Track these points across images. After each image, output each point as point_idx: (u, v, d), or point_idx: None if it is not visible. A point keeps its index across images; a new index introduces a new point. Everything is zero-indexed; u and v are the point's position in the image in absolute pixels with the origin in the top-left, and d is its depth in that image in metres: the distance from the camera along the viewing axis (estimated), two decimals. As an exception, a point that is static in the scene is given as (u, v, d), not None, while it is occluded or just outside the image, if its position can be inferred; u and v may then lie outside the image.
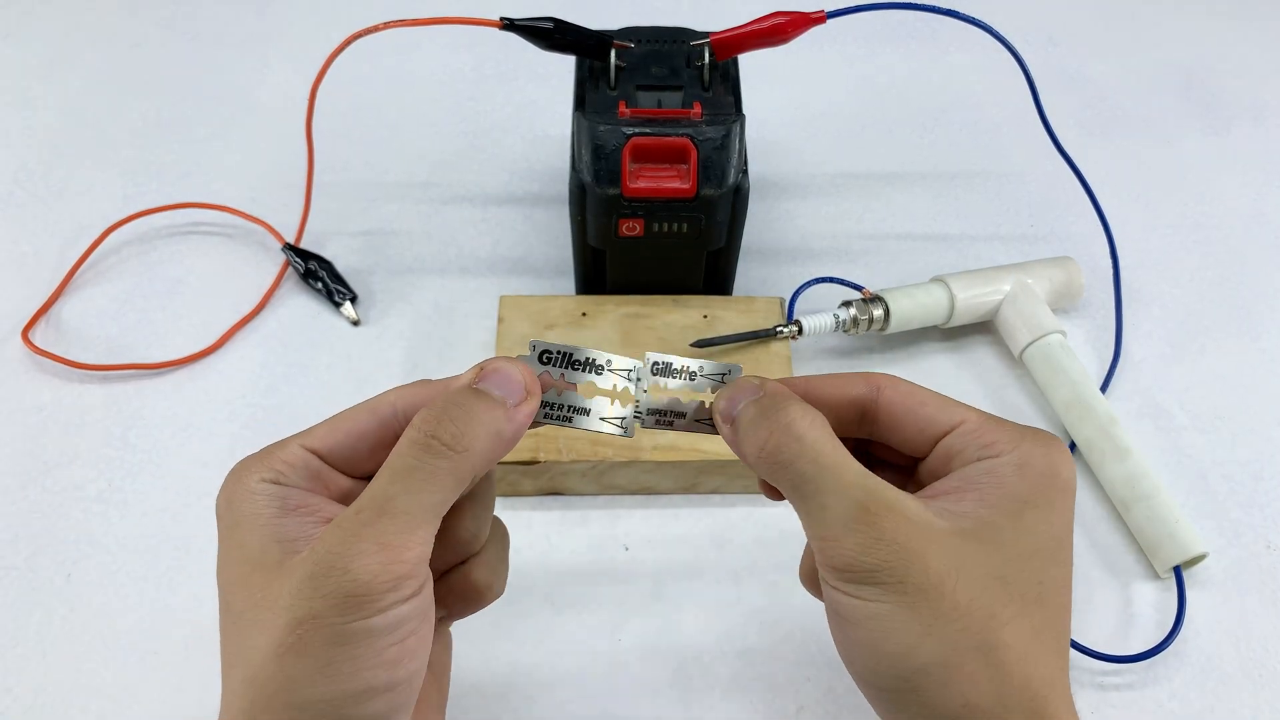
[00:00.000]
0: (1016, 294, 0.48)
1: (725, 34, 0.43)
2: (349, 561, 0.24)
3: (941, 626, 0.25)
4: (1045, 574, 0.27)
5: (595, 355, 0.29)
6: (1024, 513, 0.27)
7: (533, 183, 0.58)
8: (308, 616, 0.24)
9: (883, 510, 0.26)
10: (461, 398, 0.27)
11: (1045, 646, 0.27)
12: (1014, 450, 0.28)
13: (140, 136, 0.60)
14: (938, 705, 0.26)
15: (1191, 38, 0.70)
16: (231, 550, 0.27)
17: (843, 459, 0.27)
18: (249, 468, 0.28)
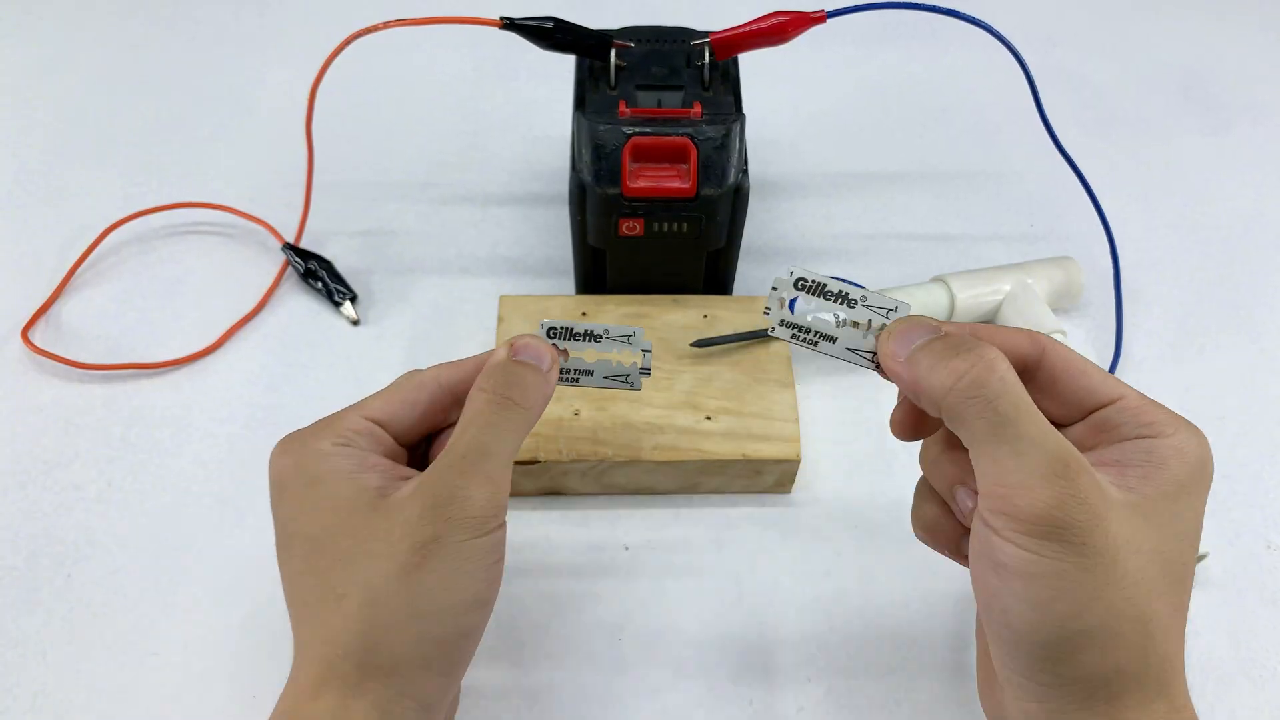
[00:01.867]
0: (1017, 294, 0.48)
1: (725, 34, 0.43)
2: (467, 492, 0.29)
3: (1111, 592, 0.26)
4: (1189, 556, 0.28)
5: (593, 327, 0.35)
6: (1180, 496, 0.28)
7: (533, 183, 0.58)
8: (431, 539, 0.28)
9: (1082, 469, 0.27)
10: (513, 366, 0.32)
11: (1179, 625, 0.28)
12: (1174, 435, 0.28)
13: (140, 136, 0.60)
14: (1092, 668, 0.27)
15: (1191, 38, 0.70)
16: (320, 502, 0.30)
17: (1040, 415, 0.27)
18: (316, 435, 0.32)
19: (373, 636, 0.28)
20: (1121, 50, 0.69)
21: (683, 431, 0.43)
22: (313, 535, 0.30)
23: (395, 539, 0.29)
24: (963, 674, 0.40)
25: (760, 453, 0.42)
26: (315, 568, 0.30)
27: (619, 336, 0.35)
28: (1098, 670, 0.27)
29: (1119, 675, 0.27)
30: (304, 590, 0.30)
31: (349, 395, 0.47)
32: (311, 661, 0.29)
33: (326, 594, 0.29)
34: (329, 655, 0.29)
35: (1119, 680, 0.27)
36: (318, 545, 0.30)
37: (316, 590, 0.30)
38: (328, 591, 0.29)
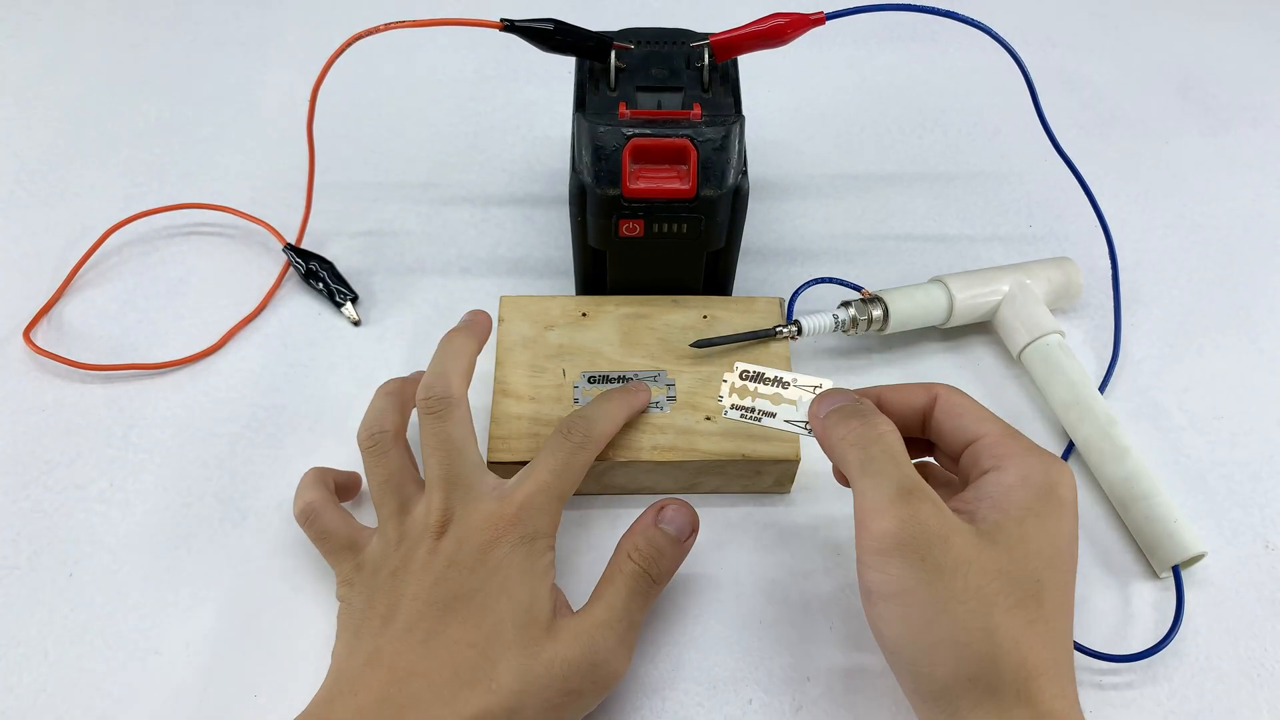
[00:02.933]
0: (1015, 294, 0.48)
1: (725, 35, 0.43)
2: (617, 661, 0.35)
3: (954, 605, 0.30)
4: (1042, 574, 0.31)
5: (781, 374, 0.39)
6: (1026, 520, 0.32)
7: (533, 183, 0.59)
8: (575, 690, 0.33)
9: (922, 497, 0.31)
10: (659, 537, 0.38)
11: (1040, 637, 0.31)
12: (1020, 464, 0.33)
13: (141, 137, 0.60)
14: (948, 678, 0.30)
15: (1190, 39, 0.70)
16: (523, 595, 0.34)
17: (903, 459, 0.33)
18: (543, 531, 0.36)
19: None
20: (1120, 51, 0.69)
21: (682, 431, 0.43)
22: (503, 620, 0.34)
23: (555, 674, 0.33)
24: (962, 673, 0.40)
25: (759, 452, 0.42)
26: (489, 653, 0.33)
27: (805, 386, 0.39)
28: (953, 680, 0.30)
29: (973, 684, 0.30)
30: (461, 660, 0.33)
31: (350, 396, 0.47)
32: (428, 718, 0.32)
33: (481, 676, 0.33)
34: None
35: (973, 690, 0.30)
36: (501, 634, 0.33)
37: (476, 670, 0.33)
38: (483, 675, 0.33)
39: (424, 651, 0.33)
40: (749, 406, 0.39)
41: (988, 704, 0.30)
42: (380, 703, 0.32)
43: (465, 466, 0.37)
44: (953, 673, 0.30)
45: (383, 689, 0.32)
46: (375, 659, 0.33)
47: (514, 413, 0.43)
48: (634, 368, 0.45)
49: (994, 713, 0.30)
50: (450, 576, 0.34)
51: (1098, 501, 0.45)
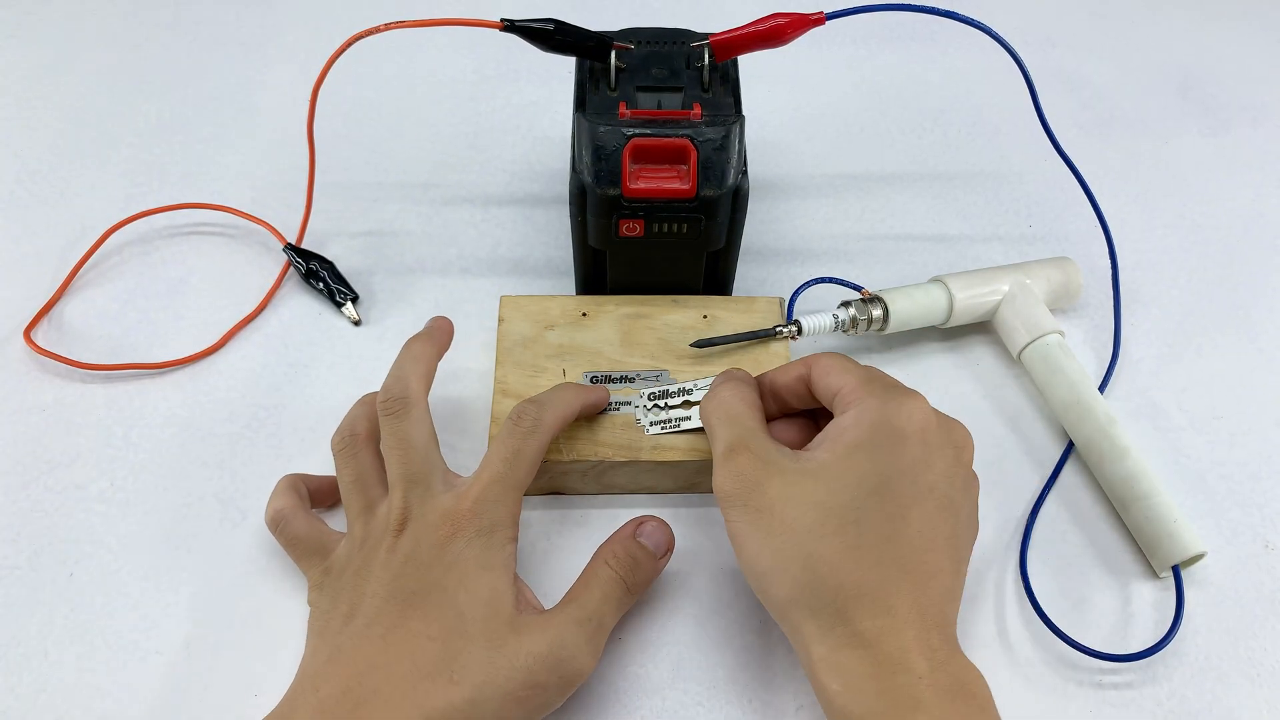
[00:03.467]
0: (1015, 294, 0.49)
1: (725, 35, 0.43)
2: (583, 659, 0.35)
3: (773, 539, 0.34)
4: (864, 502, 0.34)
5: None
6: (851, 454, 0.35)
7: (533, 183, 0.59)
8: (539, 684, 0.34)
9: (740, 450, 0.36)
10: (637, 549, 0.39)
11: (857, 561, 0.33)
12: (859, 406, 0.36)
13: (142, 137, 0.61)
14: (781, 600, 0.34)
15: (1190, 39, 0.70)
16: (481, 590, 0.35)
17: (742, 418, 0.37)
18: (501, 522, 0.36)
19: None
20: (1120, 51, 0.69)
21: (682, 431, 0.43)
22: (463, 614, 0.34)
23: (517, 667, 0.34)
24: (961, 673, 0.40)
25: (760, 453, 0.42)
26: (449, 646, 0.34)
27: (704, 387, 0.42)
28: (785, 602, 0.34)
29: (797, 605, 0.34)
30: (423, 653, 0.33)
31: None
32: (391, 713, 0.32)
33: (444, 672, 0.33)
34: (412, 716, 0.32)
35: (799, 609, 0.34)
36: (462, 628, 0.34)
37: (436, 663, 0.33)
38: (446, 671, 0.33)
39: (383, 645, 0.34)
40: (666, 419, 0.42)
41: (811, 622, 0.33)
42: (341, 697, 0.33)
43: (423, 464, 0.37)
44: (783, 596, 0.34)
45: (343, 683, 0.33)
46: (336, 656, 0.34)
47: (514, 412, 0.43)
48: (634, 367, 0.45)
49: (818, 630, 0.33)
50: (408, 573, 0.35)
51: (1097, 501, 0.45)
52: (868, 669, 0.32)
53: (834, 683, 0.32)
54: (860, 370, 0.37)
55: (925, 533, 0.34)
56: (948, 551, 0.34)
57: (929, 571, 0.34)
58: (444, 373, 0.49)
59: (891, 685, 0.32)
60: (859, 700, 0.32)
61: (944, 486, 0.35)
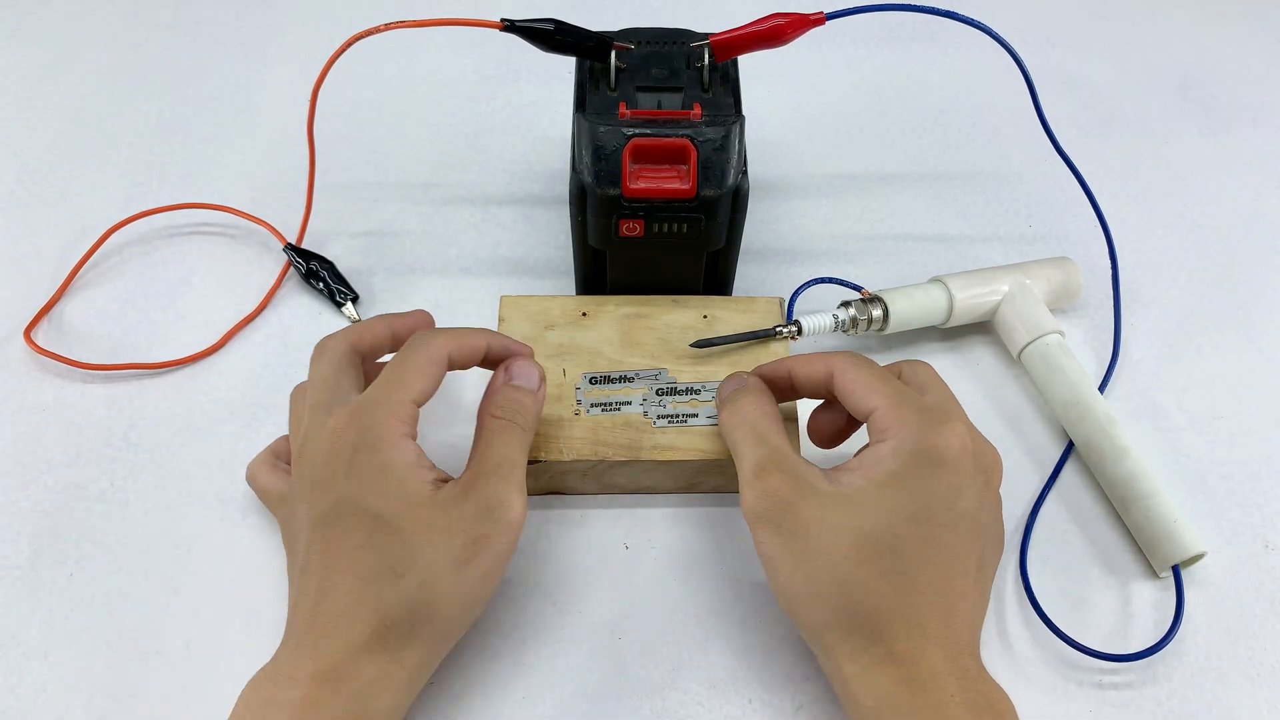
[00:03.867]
0: (1015, 294, 0.49)
1: (725, 35, 0.43)
2: (511, 499, 0.35)
3: (807, 563, 0.34)
4: (900, 529, 0.34)
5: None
6: (889, 483, 0.35)
7: (533, 183, 0.59)
8: (479, 537, 0.34)
9: (772, 469, 0.35)
10: (511, 392, 0.38)
11: (894, 586, 0.33)
12: (897, 435, 0.35)
13: (142, 137, 0.61)
14: (813, 622, 0.35)
15: (1189, 39, 0.70)
16: (388, 486, 0.34)
17: (769, 435, 0.37)
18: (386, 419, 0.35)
19: (421, 614, 0.34)
20: (1120, 51, 0.69)
21: (682, 431, 0.43)
22: (379, 514, 0.34)
23: (452, 533, 0.34)
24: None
25: (760, 453, 0.42)
26: (377, 545, 0.34)
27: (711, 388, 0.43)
28: (818, 624, 0.34)
29: (832, 628, 0.34)
30: (361, 563, 0.34)
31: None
32: (352, 627, 0.33)
33: (385, 569, 0.33)
34: (376, 624, 0.33)
35: (833, 631, 0.34)
36: (382, 525, 0.34)
37: (374, 566, 0.34)
38: (386, 568, 0.33)
39: (323, 575, 0.34)
40: (674, 414, 0.43)
41: (846, 644, 0.34)
42: (305, 634, 0.34)
43: (322, 392, 0.37)
44: (816, 618, 0.34)
45: (305, 621, 0.34)
46: (296, 600, 0.35)
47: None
48: (634, 367, 0.45)
49: (852, 651, 0.34)
50: (316, 497, 0.35)
51: (1098, 501, 0.45)
52: (902, 687, 0.33)
53: (868, 699, 0.33)
54: (892, 389, 0.37)
55: (958, 557, 0.35)
56: (975, 574, 0.35)
57: (959, 594, 0.34)
58: (444, 373, 0.49)
59: (925, 702, 0.32)
60: (893, 716, 0.33)
61: (974, 512, 0.35)
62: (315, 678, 0.33)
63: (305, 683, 0.32)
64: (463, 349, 0.38)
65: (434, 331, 0.39)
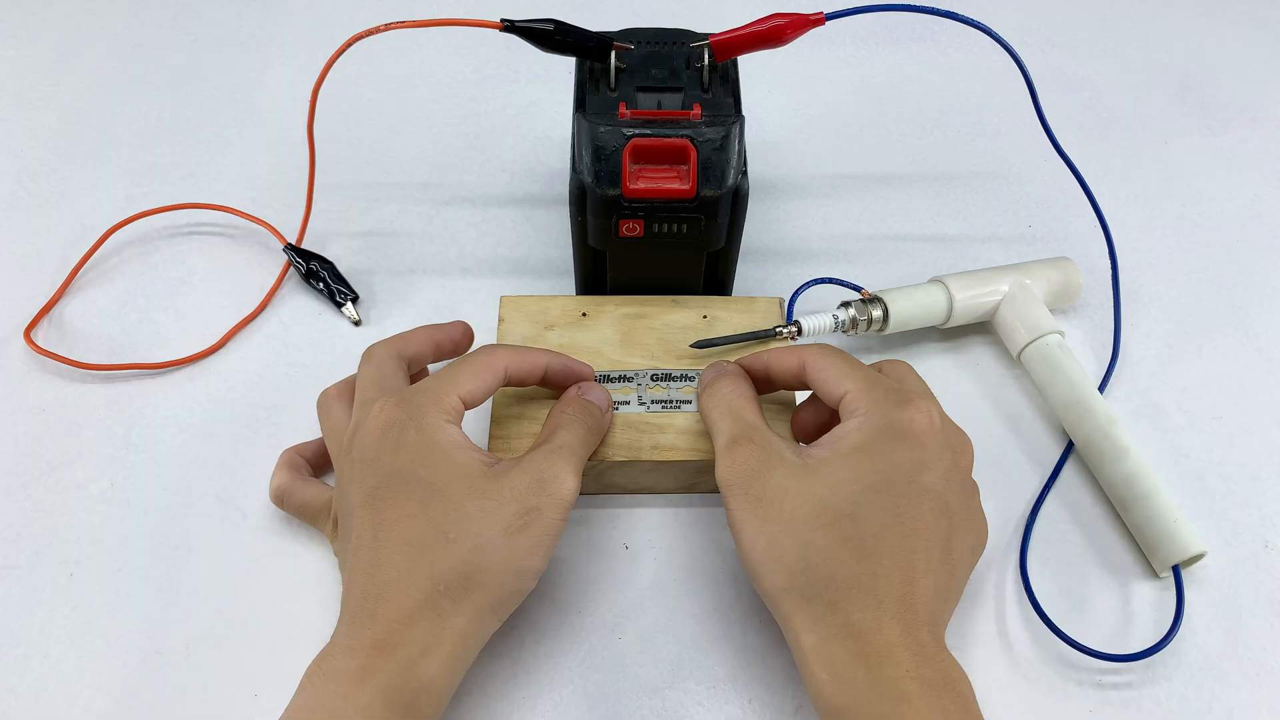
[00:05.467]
0: (1015, 294, 0.49)
1: (724, 36, 0.44)
2: (565, 476, 0.36)
3: (770, 526, 0.35)
4: (862, 498, 0.35)
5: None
6: (852, 455, 0.36)
7: (533, 184, 0.59)
8: (534, 508, 0.35)
9: (744, 441, 0.37)
10: (585, 403, 0.40)
11: (853, 552, 0.34)
12: (865, 412, 0.37)
13: (142, 137, 0.61)
14: (772, 587, 0.35)
15: (1189, 39, 0.70)
16: (439, 459, 0.36)
17: (743, 412, 0.39)
18: (429, 404, 0.37)
19: (473, 579, 0.34)
20: (1120, 52, 0.69)
21: (682, 432, 0.43)
22: (432, 483, 0.35)
23: (505, 501, 0.35)
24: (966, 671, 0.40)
25: (760, 453, 0.42)
26: (430, 513, 0.35)
27: None
28: (776, 589, 0.35)
29: (789, 593, 0.34)
30: (414, 531, 0.35)
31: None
32: (405, 593, 0.34)
33: (438, 536, 0.34)
34: (429, 589, 0.34)
35: (791, 598, 0.34)
36: (436, 493, 0.35)
37: (426, 532, 0.34)
38: (439, 533, 0.34)
39: (374, 546, 0.35)
40: (667, 399, 0.44)
41: (803, 611, 0.34)
42: (361, 605, 0.34)
43: (371, 388, 0.39)
44: (777, 583, 0.35)
45: (360, 593, 0.34)
46: (350, 577, 0.35)
47: (514, 413, 0.43)
48: (634, 367, 0.45)
49: (809, 619, 0.34)
50: (367, 474, 0.36)
51: (1097, 501, 0.45)
52: (856, 660, 0.33)
53: (823, 671, 0.33)
54: (861, 373, 0.38)
55: (919, 531, 0.35)
56: (940, 552, 0.35)
57: (920, 569, 0.34)
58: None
59: (879, 676, 0.32)
60: (846, 690, 0.33)
61: (940, 489, 0.36)
62: (372, 646, 0.33)
63: (363, 652, 0.33)
64: (522, 365, 0.40)
65: (499, 344, 0.41)
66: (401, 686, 0.33)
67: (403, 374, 0.40)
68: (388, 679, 0.33)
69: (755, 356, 0.41)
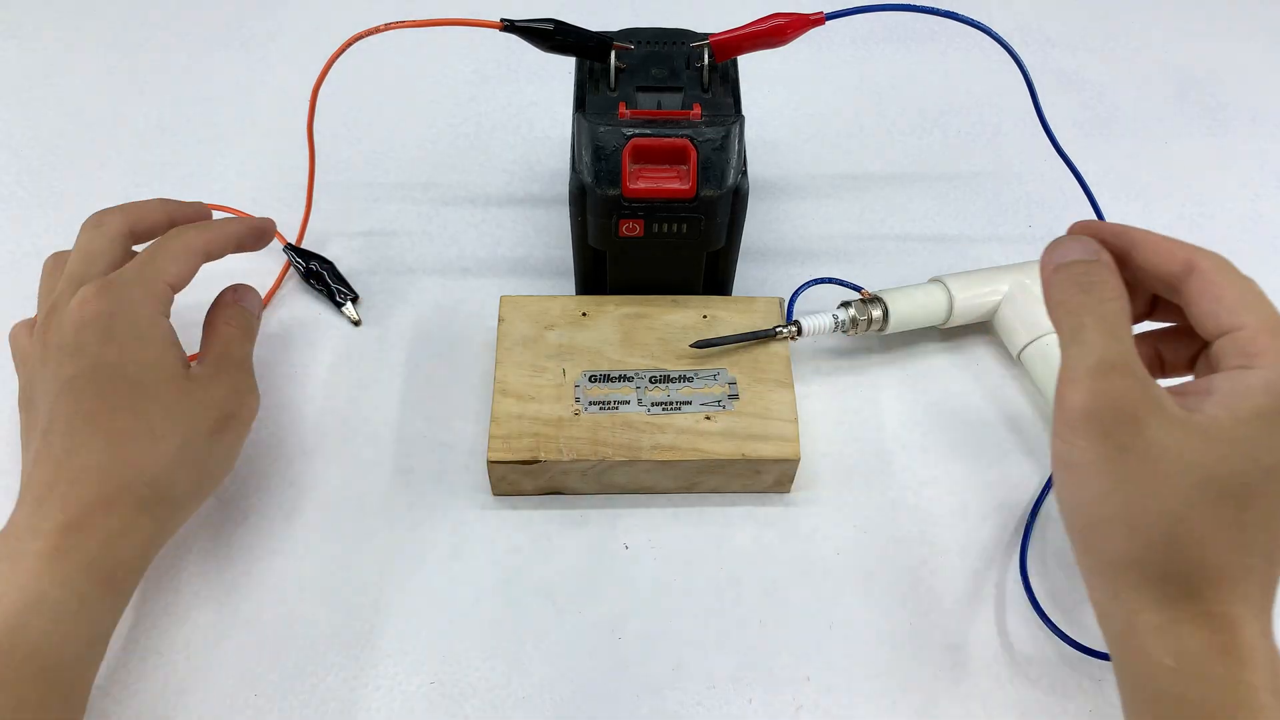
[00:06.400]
0: (1015, 294, 0.49)
1: (724, 35, 0.44)
2: (254, 387, 0.42)
3: (1132, 488, 0.29)
4: (1254, 480, 0.29)
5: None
6: (1253, 422, 0.29)
7: (533, 183, 0.59)
8: (231, 414, 0.40)
9: (1123, 372, 0.30)
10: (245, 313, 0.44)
11: (1231, 541, 0.29)
12: (1273, 366, 0.30)
13: (142, 137, 0.61)
14: (1115, 554, 0.30)
15: (1189, 39, 0.70)
16: (145, 356, 0.37)
17: (1119, 331, 0.31)
18: (140, 295, 0.38)
19: (176, 474, 0.37)
20: (1120, 51, 0.69)
21: (682, 431, 0.43)
22: (140, 381, 0.37)
23: (209, 405, 0.38)
24: (961, 672, 0.40)
25: (759, 452, 0.42)
26: (139, 409, 0.36)
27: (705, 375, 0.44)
28: (1119, 558, 0.30)
29: (1137, 567, 0.30)
30: (117, 424, 0.36)
31: (351, 395, 0.47)
32: (106, 480, 0.35)
33: (145, 431, 0.36)
34: (131, 480, 0.35)
35: (1136, 572, 0.30)
36: (144, 391, 0.37)
37: (135, 427, 0.36)
38: (146, 430, 0.36)
39: (70, 436, 0.35)
40: (666, 400, 0.43)
41: (1149, 590, 0.30)
42: (47, 491, 0.35)
43: (82, 264, 0.39)
44: (1120, 551, 0.30)
45: (48, 481, 0.35)
46: (36, 459, 0.36)
47: (514, 412, 0.43)
48: (634, 367, 0.45)
49: (1157, 599, 0.30)
50: (66, 362, 0.36)
51: (1097, 501, 0.45)
52: (1214, 653, 0.29)
53: (1167, 657, 0.29)
54: (1259, 304, 0.32)
55: None
56: None
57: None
58: (444, 373, 0.49)
59: (1237, 680, 0.29)
60: (1196, 683, 0.29)
61: None
62: (62, 528, 0.34)
63: (52, 534, 0.34)
64: (217, 239, 0.42)
65: (191, 225, 0.42)
66: (100, 563, 0.34)
67: (123, 253, 0.41)
68: (85, 556, 0.34)
69: (1120, 233, 0.33)
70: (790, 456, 0.42)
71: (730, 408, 0.43)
